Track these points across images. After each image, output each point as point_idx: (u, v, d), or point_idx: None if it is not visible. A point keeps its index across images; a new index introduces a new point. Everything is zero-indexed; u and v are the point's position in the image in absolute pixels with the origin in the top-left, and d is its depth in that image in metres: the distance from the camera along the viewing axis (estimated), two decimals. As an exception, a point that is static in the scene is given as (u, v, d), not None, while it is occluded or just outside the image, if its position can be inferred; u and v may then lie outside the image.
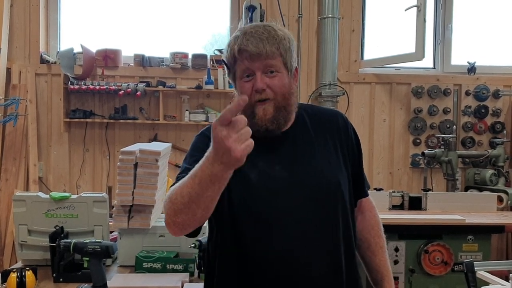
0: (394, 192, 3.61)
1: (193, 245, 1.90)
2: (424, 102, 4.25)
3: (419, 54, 3.82)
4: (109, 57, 4.01)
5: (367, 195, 1.56)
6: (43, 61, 4.03)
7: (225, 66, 1.42)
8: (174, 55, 4.03)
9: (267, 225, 1.30)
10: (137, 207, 2.05)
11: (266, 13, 4.07)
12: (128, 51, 4.12)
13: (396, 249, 3.12)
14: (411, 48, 3.87)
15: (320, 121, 1.45)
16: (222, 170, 1.05)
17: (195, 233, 1.29)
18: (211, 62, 4.05)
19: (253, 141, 1.03)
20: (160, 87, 3.95)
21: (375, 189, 3.72)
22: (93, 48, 4.00)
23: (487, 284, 2.11)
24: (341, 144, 1.44)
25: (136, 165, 2.05)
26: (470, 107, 4.26)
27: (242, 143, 1.01)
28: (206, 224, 1.39)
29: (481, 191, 3.90)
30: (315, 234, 1.31)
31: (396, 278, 3.14)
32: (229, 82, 3.94)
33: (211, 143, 1.04)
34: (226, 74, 1.50)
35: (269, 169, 1.33)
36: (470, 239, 3.16)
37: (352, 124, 1.52)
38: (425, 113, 4.25)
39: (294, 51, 1.38)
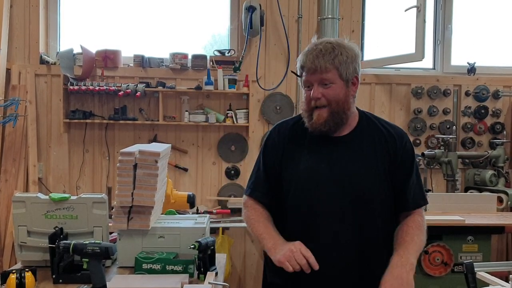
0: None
1: (192, 246, 1.90)
2: (424, 102, 4.25)
3: (419, 54, 3.82)
4: (108, 58, 4.01)
5: (409, 209, 1.72)
6: (42, 61, 4.03)
7: (296, 76, 1.73)
8: (174, 55, 4.03)
9: (306, 205, 1.65)
10: (136, 208, 2.05)
11: (266, 13, 4.08)
12: (127, 51, 4.12)
13: (396, 250, 3.11)
14: (411, 49, 3.87)
15: (381, 134, 1.69)
16: (263, 247, 1.66)
17: None
18: (211, 63, 4.05)
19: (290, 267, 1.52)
20: (160, 88, 3.95)
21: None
22: (93, 48, 4.00)
23: (487, 285, 2.11)
24: (392, 161, 1.67)
25: (135, 166, 2.05)
26: (470, 107, 4.27)
27: (290, 263, 1.52)
28: (205, 224, 1.80)
29: (481, 192, 3.90)
30: (340, 224, 1.62)
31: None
32: (228, 83, 3.98)
33: (282, 245, 1.59)
34: (298, 81, 1.76)
35: (316, 165, 1.65)
36: (470, 239, 3.16)
37: (412, 146, 1.75)
38: (425, 114, 4.25)
39: (353, 62, 1.62)
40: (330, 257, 1.63)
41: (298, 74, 1.68)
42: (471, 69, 4.26)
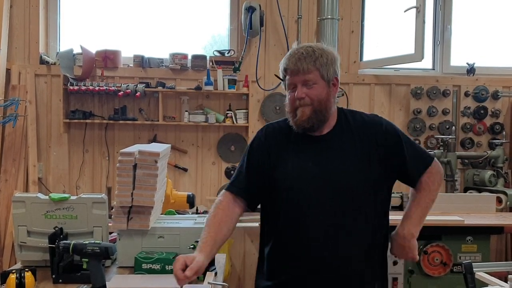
0: (393, 193, 3.60)
1: (192, 246, 1.91)
2: (423, 103, 4.25)
3: (418, 55, 3.82)
4: (108, 58, 4.01)
5: (416, 180, 1.82)
6: (42, 62, 4.03)
7: (279, 79, 1.83)
8: (174, 56, 4.03)
9: (296, 204, 1.70)
10: (136, 208, 2.06)
11: (266, 14, 4.08)
12: (127, 52, 4.12)
13: (395, 250, 3.12)
14: (410, 49, 3.88)
15: (359, 127, 1.76)
16: None
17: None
18: (211, 63, 4.06)
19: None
20: (160, 88, 3.96)
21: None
22: (93, 49, 4.00)
23: (486, 285, 2.12)
24: (379, 148, 1.73)
25: (135, 166, 2.05)
26: (469, 108, 4.27)
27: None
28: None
29: (480, 192, 3.91)
30: (331, 219, 1.68)
31: (395, 279, 3.14)
32: (228, 83, 3.98)
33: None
34: (282, 84, 1.85)
35: (305, 164, 1.72)
36: (469, 240, 3.16)
37: (392, 125, 1.83)
38: (424, 114, 4.26)
39: (333, 64, 1.72)
40: (319, 250, 1.69)
41: (281, 77, 1.76)
42: (471, 70, 4.27)
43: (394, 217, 3.28)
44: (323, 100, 1.70)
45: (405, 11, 3.89)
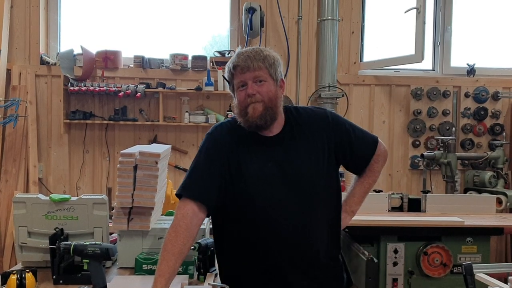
0: (393, 194, 3.61)
1: (192, 247, 1.90)
2: (424, 104, 4.26)
3: (418, 56, 3.83)
4: (109, 59, 4.02)
5: (365, 165, 1.90)
6: (43, 62, 4.03)
7: (226, 81, 1.82)
8: (174, 56, 4.04)
9: (259, 206, 1.70)
10: (136, 209, 2.06)
11: (266, 15, 4.08)
12: (128, 52, 4.13)
13: (395, 251, 3.12)
14: (410, 50, 3.88)
15: (306, 122, 1.79)
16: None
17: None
18: (211, 64, 4.06)
19: None
20: (160, 89, 3.96)
21: (374, 190, 3.71)
22: (93, 49, 4.00)
23: (486, 286, 2.11)
24: (329, 140, 1.78)
25: (135, 167, 2.05)
26: (469, 109, 4.27)
27: None
28: (205, 225, 1.71)
29: (480, 193, 3.91)
30: (293, 214, 1.70)
31: (395, 280, 3.14)
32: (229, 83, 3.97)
33: None
34: (228, 88, 1.85)
35: (264, 165, 1.72)
36: (469, 241, 3.16)
37: (337, 115, 1.90)
38: (424, 115, 4.26)
39: (279, 66, 1.77)
40: (286, 249, 1.70)
41: (228, 77, 1.78)
42: (471, 71, 4.27)
43: (396, 218, 3.28)
44: (273, 97, 1.71)
45: (405, 12, 3.90)
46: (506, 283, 2.00)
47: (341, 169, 1.96)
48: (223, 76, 1.84)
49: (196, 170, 1.74)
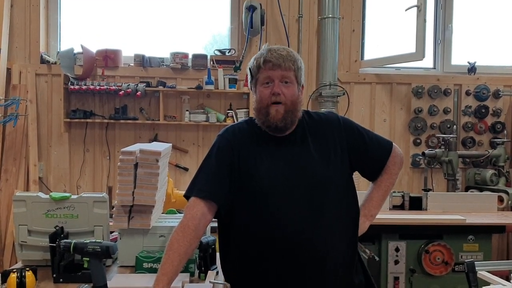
0: (394, 192, 3.61)
1: (193, 245, 1.89)
2: (425, 102, 4.25)
3: (419, 54, 3.82)
4: (109, 57, 4.01)
5: (380, 169, 1.87)
6: (43, 61, 4.03)
7: (249, 74, 1.76)
8: (174, 55, 4.03)
9: (273, 204, 1.67)
10: (137, 207, 2.05)
11: (267, 13, 4.08)
12: (128, 51, 4.12)
13: (397, 249, 3.12)
14: (411, 48, 3.87)
15: (318, 125, 1.79)
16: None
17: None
18: (211, 62, 4.05)
19: None
20: (160, 87, 3.95)
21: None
22: (93, 48, 4.00)
23: (488, 284, 2.11)
24: (341, 140, 1.77)
25: (136, 165, 2.05)
26: (470, 107, 4.26)
27: None
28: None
29: (481, 191, 3.90)
30: (308, 217, 1.67)
31: (396, 278, 3.14)
32: (229, 82, 3.97)
33: None
34: (249, 81, 1.80)
35: (275, 163, 1.70)
36: (471, 239, 3.16)
37: (348, 119, 1.87)
38: (425, 113, 4.25)
39: (303, 71, 1.76)
40: (300, 249, 1.66)
41: (254, 71, 1.72)
42: (472, 69, 4.26)
43: (397, 216, 3.28)
44: (295, 101, 1.70)
45: (406, 10, 3.89)
46: (508, 281, 1.99)
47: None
48: (249, 69, 1.76)
49: (206, 170, 1.73)
